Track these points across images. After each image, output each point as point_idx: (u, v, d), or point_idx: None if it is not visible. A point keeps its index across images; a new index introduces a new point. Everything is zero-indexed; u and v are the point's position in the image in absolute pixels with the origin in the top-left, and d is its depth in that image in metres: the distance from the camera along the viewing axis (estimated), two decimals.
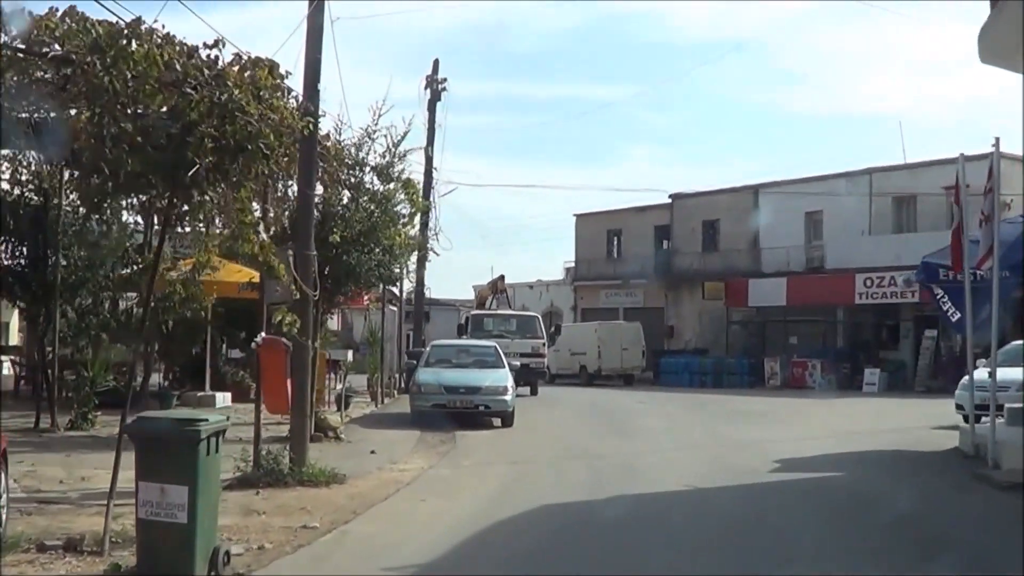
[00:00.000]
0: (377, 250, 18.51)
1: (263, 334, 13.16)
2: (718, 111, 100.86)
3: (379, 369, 28.21)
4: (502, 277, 34.57)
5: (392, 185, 18.94)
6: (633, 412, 26.39)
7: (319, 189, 17.15)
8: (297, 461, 13.07)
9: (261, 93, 9.63)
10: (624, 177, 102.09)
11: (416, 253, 30.46)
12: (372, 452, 16.47)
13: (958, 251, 15.30)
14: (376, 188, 18.83)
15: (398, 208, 19.10)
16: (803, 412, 27.40)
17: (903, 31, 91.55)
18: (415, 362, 23.51)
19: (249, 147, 8.92)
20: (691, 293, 50.65)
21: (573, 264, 59.33)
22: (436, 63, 32.83)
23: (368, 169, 18.71)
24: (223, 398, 24.87)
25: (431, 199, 32.23)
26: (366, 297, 30.08)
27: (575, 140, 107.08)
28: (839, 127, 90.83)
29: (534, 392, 32.60)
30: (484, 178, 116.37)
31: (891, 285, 40.67)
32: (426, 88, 32.92)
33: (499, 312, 34.77)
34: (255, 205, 12.28)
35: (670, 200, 53.63)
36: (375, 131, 18.50)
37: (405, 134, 18.45)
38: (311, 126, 10.96)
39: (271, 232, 18.04)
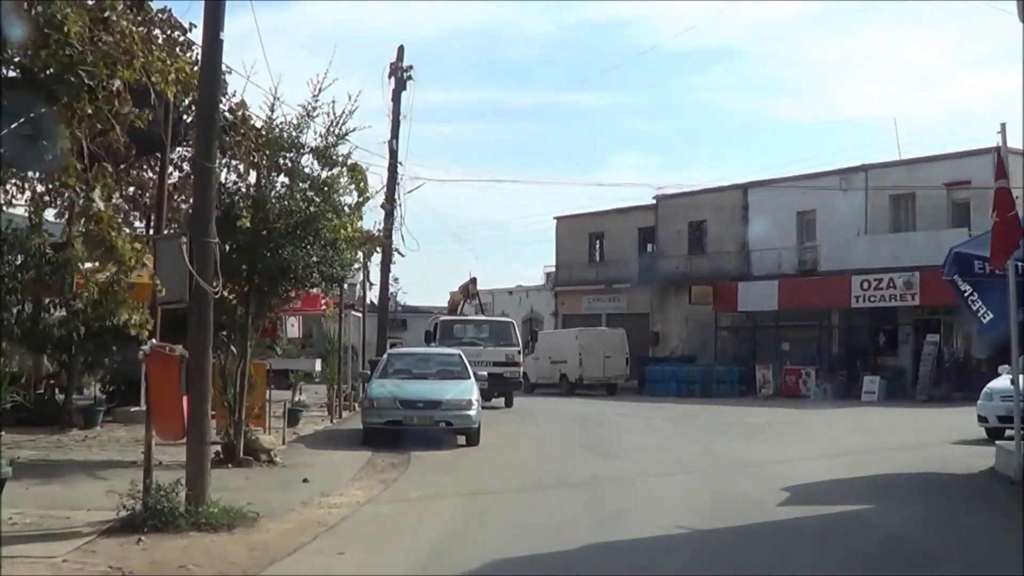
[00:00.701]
0: (316, 244, 15.88)
1: (153, 341, 10.57)
2: (705, 119, 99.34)
3: (337, 380, 25.57)
4: (474, 280, 31.95)
5: (336, 170, 16.37)
6: (616, 426, 23.85)
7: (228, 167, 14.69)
8: (195, 498, 10.45)
9: (107, 15, 7.07)
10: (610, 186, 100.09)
11: (378, 252, 27.99)
12: (304, 480, 13.87)
13: (1007, 240, 12.72)
14: (316, 173, 16.25)
15: (342, 197, 16.52)
16: (802, 424, 24.93)
17: (889, 38, 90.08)
18: (370, 372, 20.86)
19: (70, 79, 6.31)
20: (677, 298, 48.23)
21: (554, 269, 56.78)
22: (401, 50, 30.24)
23: (307, 151, 16.13)
24: None
25: (396, 196, 29.70)
26: (323, 301, 27.54)
27: (560, 148, 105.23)
28: (827, 134, 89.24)
29: (509, 404, 30.06)
30: (455, 176, 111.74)
31: (890, 287, 38.37)
32: (390, 77, 30.29)
33: (470, 318, 32.14)
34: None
35: (654, 201, 51.20)
36: (315, 108, 15.93)
37: (346, 111, 15.81)
38: (190, 68, 8.33)
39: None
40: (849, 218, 42.27)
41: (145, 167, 18.81)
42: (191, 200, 15.78)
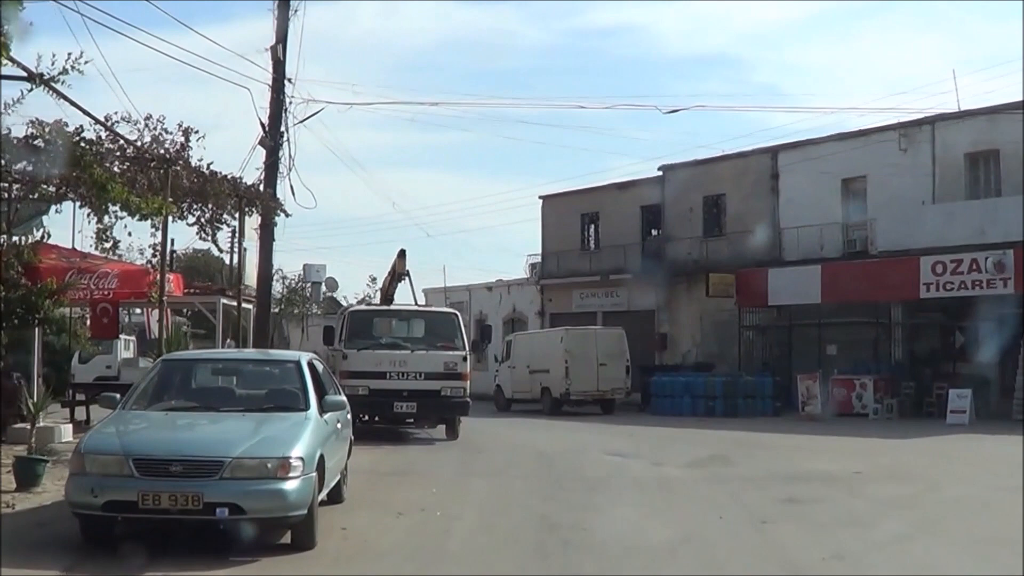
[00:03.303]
0: None
1: None
2: (705, 126, 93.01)
3: None
4: (402, 253, 22.20)
5: None
6: (605, 482, 14.20)
7: None
8: None
9: None
10: None
11: (255, 213, 18.49)
12: None
13: None
14: None
15: None
16: (914, 475, 15.30)
17: (881, 43, 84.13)
18: (119, 397, 10.95)
19: None
20: (690, 291, 38.68)
21: (539, 259, 47.07)
22: None
23: None
24: None
25: (282, 125, 20.01)
26: (148, 281, 17.92)
27: (556, 155, 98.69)
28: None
29: (452, 435, 20.48)
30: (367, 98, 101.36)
31: (973, 271, 28.81)
32: None
33: (395, 308, 22.38)
34: None
35: (660, 172, 41.57)
36: None
37: None
38: None
39: None
40: (911, 184, 32.79)
41: None
42: None
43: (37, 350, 18.29)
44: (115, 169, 15.19)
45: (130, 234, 16.16)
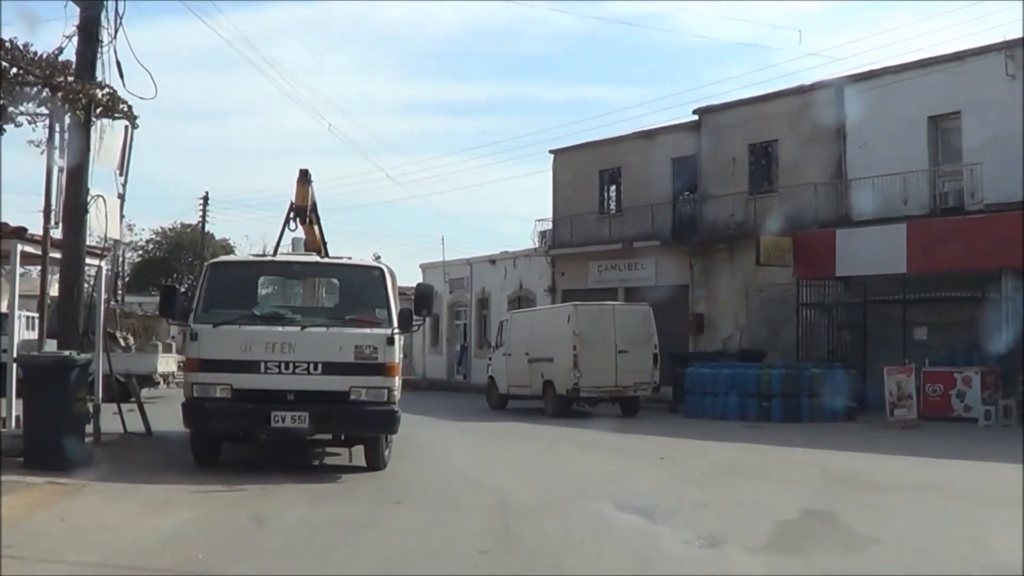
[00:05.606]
0: None
1: None
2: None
3: None
4: (304, 176, 14.48)
5: None
6: None
7: None
8: None
9: None
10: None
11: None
12: None
13: None
14: None
15: None
16: None
17: (908, 32, 79.29)
18: None
19: None
20: (733, 260, 31.35)
21: (550, 225, 39.57)
22: None
23: None
24: None
25: None
26: None
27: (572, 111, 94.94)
28: None
29: (375, 462, 12.96)
30: None
31: None
32: None
33: (282, 260, 14.38)
34: None
35: (696, 117, 33.96)
36: None
37: None
38: None
39: None
40: (1021, 119, 25.01)
41: None
42: None
43: None
44: None
45: None
